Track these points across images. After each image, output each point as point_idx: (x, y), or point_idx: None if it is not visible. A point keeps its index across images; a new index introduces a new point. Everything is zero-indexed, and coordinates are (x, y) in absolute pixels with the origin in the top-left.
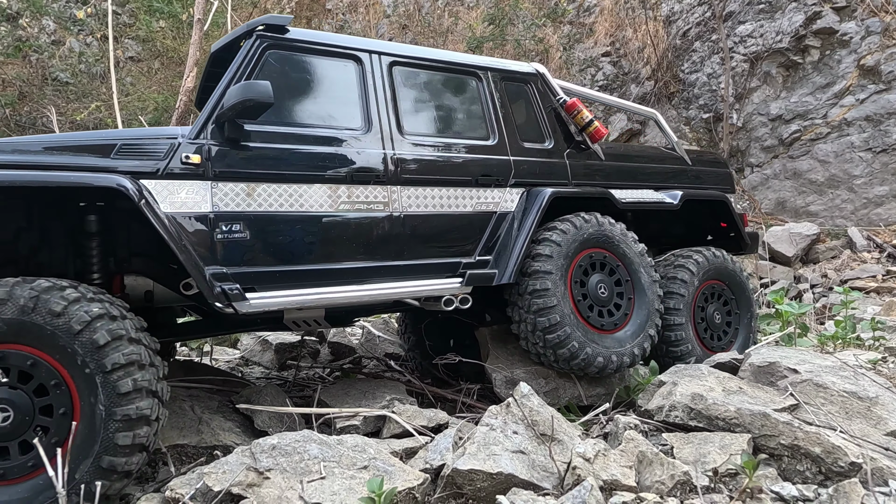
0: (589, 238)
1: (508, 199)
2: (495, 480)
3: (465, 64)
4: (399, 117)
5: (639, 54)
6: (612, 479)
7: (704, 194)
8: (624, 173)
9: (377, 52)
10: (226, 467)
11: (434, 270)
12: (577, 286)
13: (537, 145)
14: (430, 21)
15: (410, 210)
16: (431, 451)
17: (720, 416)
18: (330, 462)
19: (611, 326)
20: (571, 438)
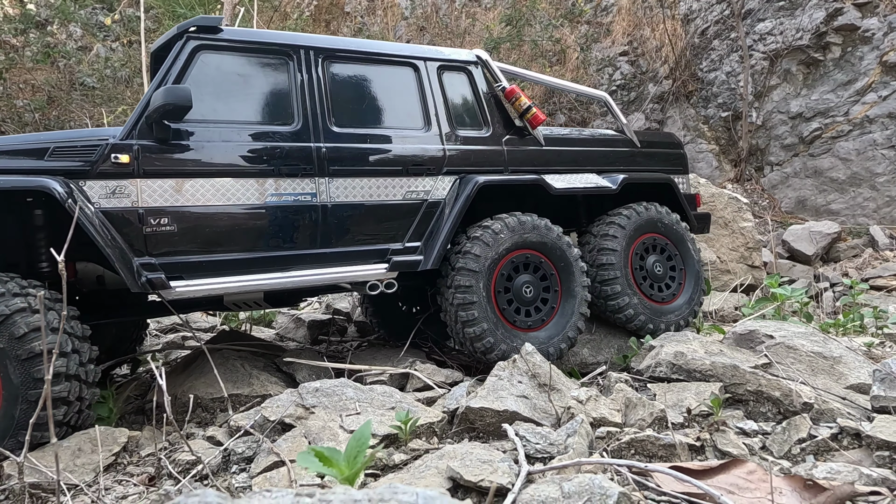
0: (520, 240)
1: (441, 187)
2: (501, 416)
3: (401, 55)
4: (330, 111)
5: (656, 53)
6: (600, 417)
7: (646, 177)
8: (565, 158)
9: (309, 48)
10: (278, 403)
11: (361, 257)
12: (502, 285)
13: (474, 133)
14: (448, 22)
15: (339, 200)
16: (448, 399)
17: (697, 368)
18: (363, 403)
19: (537, 324)
20: (569, 389)
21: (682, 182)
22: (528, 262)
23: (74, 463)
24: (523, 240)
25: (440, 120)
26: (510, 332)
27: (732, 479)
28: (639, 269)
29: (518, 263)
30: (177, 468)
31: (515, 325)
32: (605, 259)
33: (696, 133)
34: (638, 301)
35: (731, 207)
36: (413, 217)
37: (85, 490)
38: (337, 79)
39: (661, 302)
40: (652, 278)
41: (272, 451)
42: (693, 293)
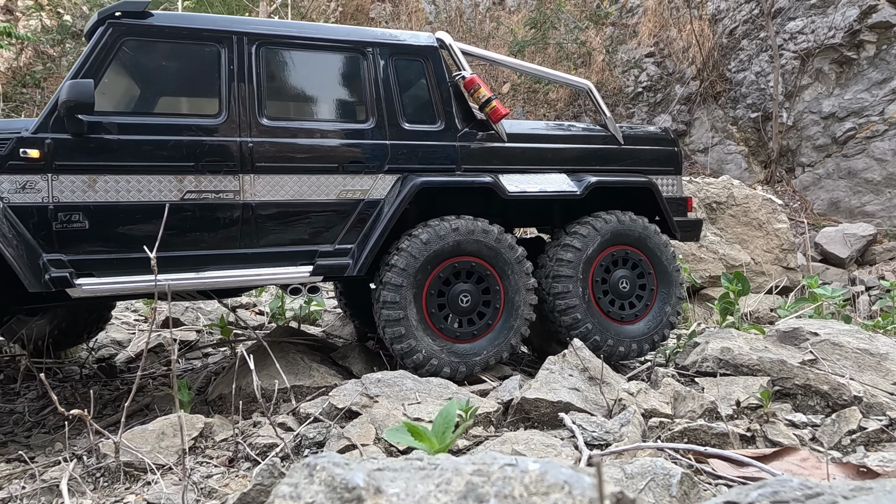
0: (455, 247)
1: (381, 186)
2: (556, 407)
3: (347, 40)
4: (260, 103)
5: (683, 54)
6: (651, 409)
7: (622, 180)
8: (531, 156)
9: (242, 34)
10: (344, 392)
11: (286, 258)
12: (435, 297)
13: (424, 127)
14: (472, 26)
15: (264, 198)
16: (501, 391)
17: (744, 363)
18: (422, 393)
19: (468, 336)
20: (617, 382)
21: (672, 183)
22: (470, 271)
23: (160, 445)
24: (457, 247)
25: (386, 112)
26: (445, 344)
27: (786, 466)
28: (600, 282)
29: (458, 271)
30: (254, 451)
31: (451, 338)
32: (560, 271)
33: (724, 134)
34: (592, 318)
35: (765, 209)
36: (347, 218)
37: (173, 469)
38: (272, 67)
39: (620, 321)
40: (615, 294)
41: (343, 436)
42: (660, 316)
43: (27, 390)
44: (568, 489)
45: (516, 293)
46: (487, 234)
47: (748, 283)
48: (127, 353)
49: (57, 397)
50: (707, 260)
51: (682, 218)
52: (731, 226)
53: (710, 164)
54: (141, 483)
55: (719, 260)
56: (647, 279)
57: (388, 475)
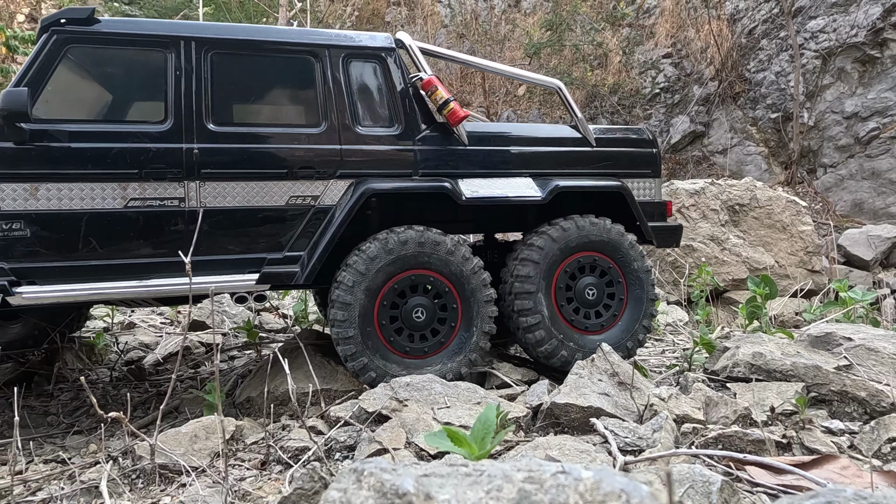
0: (404, 261)
1: (333, 192)
2: (586, 412)
3: (300, 43)
4: (208, 108)
5: (702, 55)
6: (683, 414)
7: (585, 185)
8: (494, 160)
9: (190, 38)
10: (374, 396)
11: (234, 266)
12: (387, 310)
13: (380, 130)
14: (487, 29)
15: (210, 205)
16: (529, 395)
17: (777, 369)
18: (451, 397)
19: (419, 352)
20: (647, 387)
21: (649, 187)
22: (426, 284)
23: (193, 448)
24: (407, 261)
25: (339, 116)
26: (398, 360)
27: (827, 474)
28: (565, 289)
29: (414, 284)
30: (286, 454)
31: (402, 353)
32: (522, 271)
33: (743, 135)
34: (553, 325)
35: (789, 211)
36: (297, 225)
37: (207, 471)
38: (221, 72)
39: (584, 331)
40: (580, 302)
41: (373, 439)
42: (630, 326)
43: (60, 392)
44: (625, 498)
45: (473, 306)
46: (439, 245)
47: (776, 287)
48: (155, 356)
49: (86, 401)
50: (730, 263)
51: (661, 223)
52: (754, 228)
53: (729, 166)
54: (176, 485)
55: (742, 263)
56: (617, 287)
57: (435, 481)
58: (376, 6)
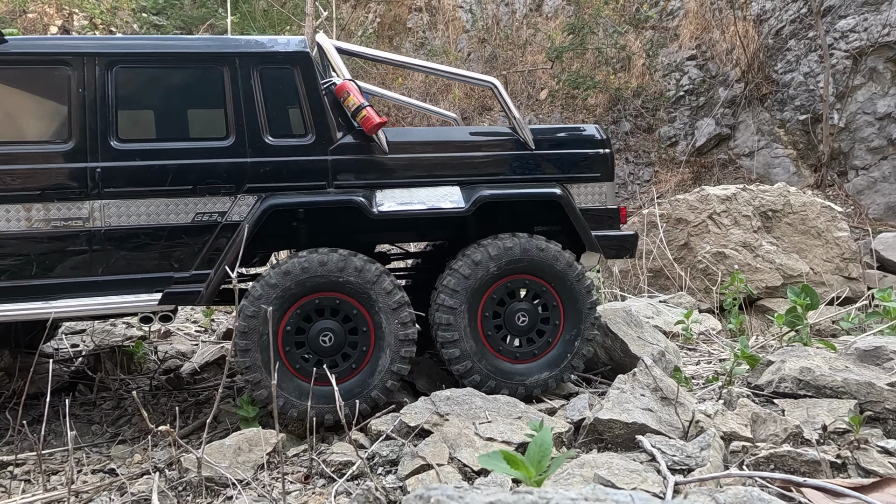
0: (306, 287)
1: (241, 207)
2: (630, 429)
3: (206, 53)
4: (111, 125)
5: (727, 56)
6: (730, 432)
7: (514, 193)
8: (417, 168)
9: (93, 54)
10: (415, 410)
11: (140, 285)
12: (293, 335)
13: (292, 141)
14: (509, 33)
15: (115, 224)
16: (570, 410)
17: (827, 385)
18: (492, 412)
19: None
20: (690, 402)
21: (598, 192)
22: (334, 308)
23: (237, 460)
24: (309, 286)
25: (247, 128)
26: (300, 384)
27: (888, 498)
28: (492, 316)
29: (321, 308)
30: (329, 468)
31: (308, 379)
32: (443, 300)
33: (771, 137)
34: (477, 354)
35: (824, 216)
36: (205, 242)
37: (252, 484)
38: (125, 87)
39: (515, 359)
40: (510, 330)
41: (416, 454)
42: (566, 352)
43: (102, 401)
44: None
45: (387, 330)
46: (345, 267)
47: (817, 297)
48: (192, 365)
49: (129, 410)
50: (763, 270)
51: (612, 232)
52: (787, 234)
53: (756, 169)
54: (222, 498)
55: (776, 270)
56: (552, 312)
57: None
58: (398, 12)
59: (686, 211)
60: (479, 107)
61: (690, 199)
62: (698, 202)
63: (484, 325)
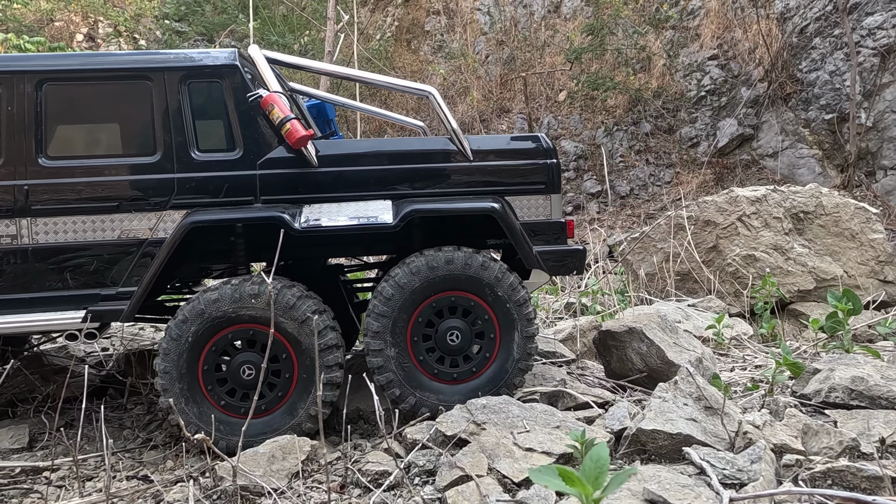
0: (219, 321)
1: (167, 224)
2: (675, 440)
3: (132, 68)
4: (39, 143)
5: (750, 55)
6: (781, 444)
7: (443, 208)
8: (349, 181)
9: (23, 72)
10: (451, 419)
11: (68, 302)
12: (212, 371)
13: (219, 156)
14: (527, 35)
15: (42, 242)
16: (609, 419)
17: (883, 395)
18: (529, 420)
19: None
20: (736, 412)
21: (541, 205)
22: (253, 340)
23: (271, 468)
24: (221, 320)
25: (174, 143)
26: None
27: None
28: (421, 339)
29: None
30: (365, 477)
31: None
32: (370, 325)
33: (795, 137)
34: (409, 379)
35: (857, 218)
36: (130, 259)
37: (287, 493)
38: (55, 105)
39: (452, 381)
40: (443, 350)
41: (455, 465)
42: (504, 367)
43: (133, 405)
44: None
45: (309, 358)
46: (258, 297)
47: (860, 302)
48: None
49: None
50: (795, 273)
51: (557, 247)
52: (820, 237)
53: (780, 170)
54: None
55: (808, 273)
56: (485, 326)
57: None
58: (416, 16)
59: (714, 213)
60: (497, 109)
61: (719, 200)
62: (727, 204)
63: (414, 349)
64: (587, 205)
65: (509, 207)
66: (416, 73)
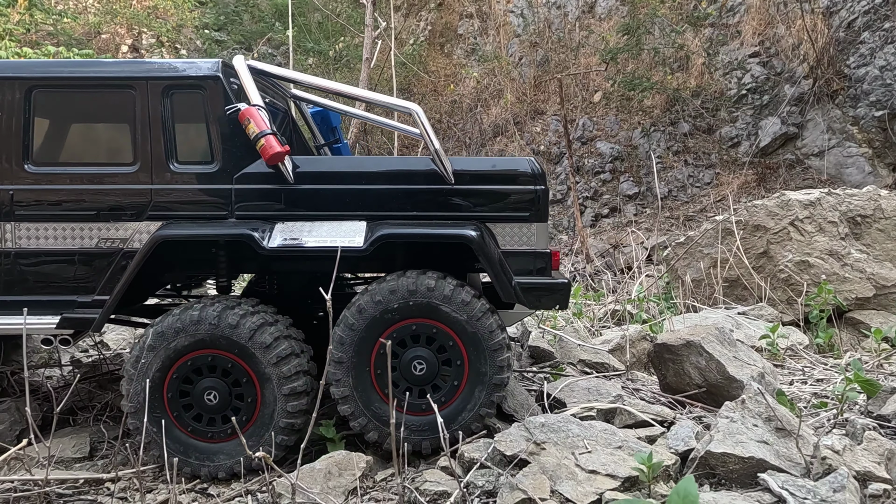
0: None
1: (143, 234)
2: (746, 464)
3: (115, 78)
4: (27, 148)
5: (793, 52)
6: (864, 471)
7: (415, 234)
8: (324, 200)
9: (13, 79)
10: (510, 438)
11: (46, 307)
12: (177, 390)
13: (197, 168)
14: (561, 36)
15: (25, 246)
16: (672, 439)
17: None
18: (590, 440)
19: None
20: (809, 435)
21: (526, 234)
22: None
23: (328, 485)
24: (193, 340)
25: (153, 153)
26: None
27: None
28: (385, 371)
29: (203, 366)
30: (424, 497)
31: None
32: (334, 354)
33: (843, 136)
34: (375, 410)
35: None
36: (106, 268)
37: None
38: (42, 112)
39: (421, 412)
40: (410, 381)
41: (516, 487)
42: (474, 395)
43: None
44: None
45: (271, 385)
46: (216, 326)
47: None
48: None
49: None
50: (853, 280)
51: (540, 279)
52: (879, 241)
53: (826, 169)
54: None
55: (867, 280)
56: (451, 353)
57: None
58: (449, 19)
59: (765, 217)
60: (531, 111)
61: (769, 204)
62: (778, 208)
63: (378, 381)
64: (624, 207)
65: (490, 235)
66: (449, 76)
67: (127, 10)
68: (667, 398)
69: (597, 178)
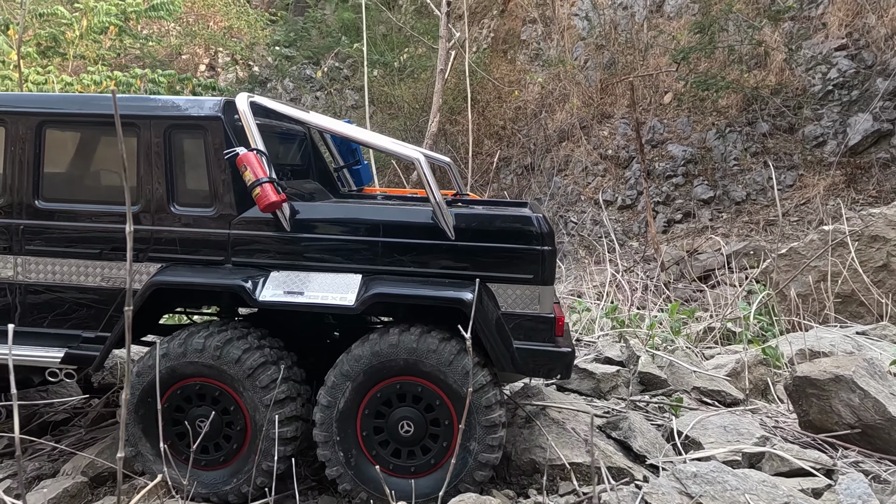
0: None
1: (143, 275)
2: None
3: (122, 115)
4: (37, 184)
5: (886, 43)
6: None
7: (407, 294)
8: (320, 250)
9: (26, 114)
10: (661, 490)
11: (49, 340)
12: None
13: (196, 211)
14: (629, 37)
15: (35, 280)
16: (843, 495)
17: None
18: (750, 493)
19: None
20: None
21: (528, 296)
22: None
23: None
24: (173, 373)
25: (154, 195)
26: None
27: None
28: (371, 432)
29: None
30: None
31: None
32: (317, 416)
33: None
34: (359, 473)
35: None
36: (109, 306)
37: None
38: (53, 147)
39: (409, 474)
40: (396, 441)
41: None
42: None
43: None
44: None
45: (259, 416)
46: (203, 352)
47: None
48: None
49: None
50: None
51: (540, 345)
52: None
53: None
54: None
55: None
56: (439, 412)
57: None
58: (511, 25)
59: (884, 227)
60: (598, 115)
61: (889, 213)
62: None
63: (366, 443)
64: (698, 212)
65: (489, 296)
66: (513, 82)
67: (204, 31)
68: (811, 437)
69: (668, 181)
